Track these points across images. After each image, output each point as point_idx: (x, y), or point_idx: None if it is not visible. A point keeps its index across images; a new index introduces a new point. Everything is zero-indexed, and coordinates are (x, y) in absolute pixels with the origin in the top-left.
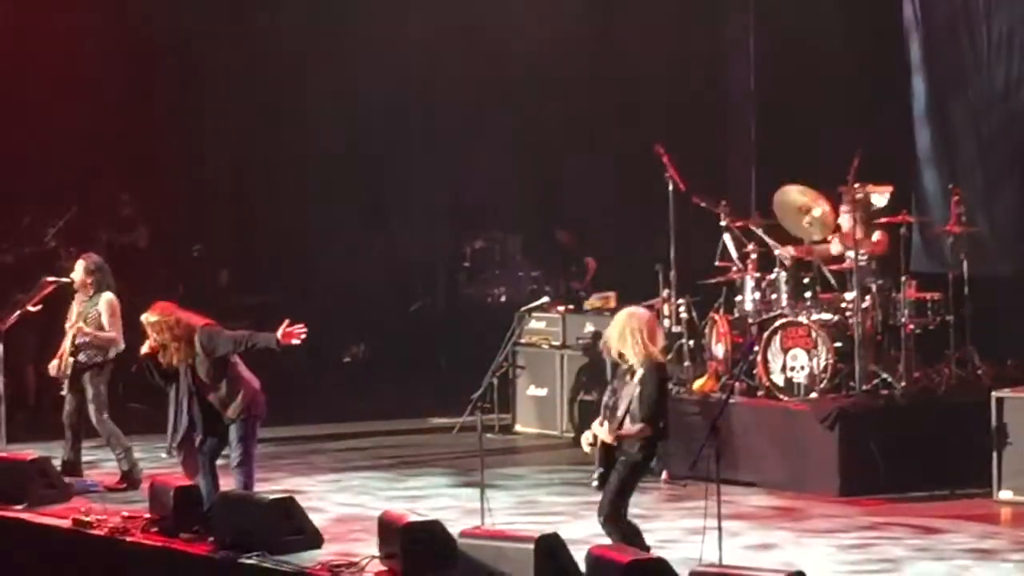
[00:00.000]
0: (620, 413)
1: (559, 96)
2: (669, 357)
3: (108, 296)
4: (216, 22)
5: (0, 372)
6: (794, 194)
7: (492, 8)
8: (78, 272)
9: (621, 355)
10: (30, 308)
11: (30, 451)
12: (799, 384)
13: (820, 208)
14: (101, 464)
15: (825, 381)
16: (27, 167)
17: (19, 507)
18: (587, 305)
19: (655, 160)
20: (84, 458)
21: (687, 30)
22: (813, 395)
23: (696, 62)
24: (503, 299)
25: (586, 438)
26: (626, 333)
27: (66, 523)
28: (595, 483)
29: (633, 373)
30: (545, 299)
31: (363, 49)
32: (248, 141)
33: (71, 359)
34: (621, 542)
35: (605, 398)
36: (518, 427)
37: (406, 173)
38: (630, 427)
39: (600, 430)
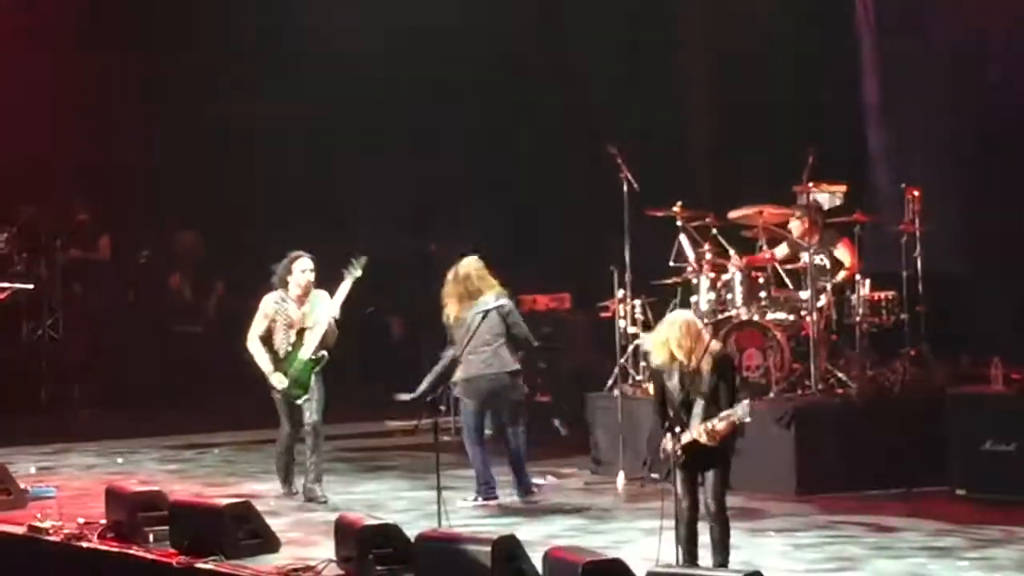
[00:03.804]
0: (701, 411)
1: (509, 93)
2: (624, 359)
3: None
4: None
5: None
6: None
7: None
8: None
9: (674, 359)
10: None
11: None
12: (755, 383)
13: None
14: (58, 470)
15: (781, 381)
16: None
17: None
18: (541, 306)
19: (610, 161)
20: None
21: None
22: (770, 395)
23: (649, 59)
24: None
25: (671, 446)
26: (691, 336)
27: (21, 529)
28: (655, 475)
29: (699, 373)
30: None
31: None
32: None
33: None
34: (725, 538)
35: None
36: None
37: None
38: (723, 423)
39: (694, 435)
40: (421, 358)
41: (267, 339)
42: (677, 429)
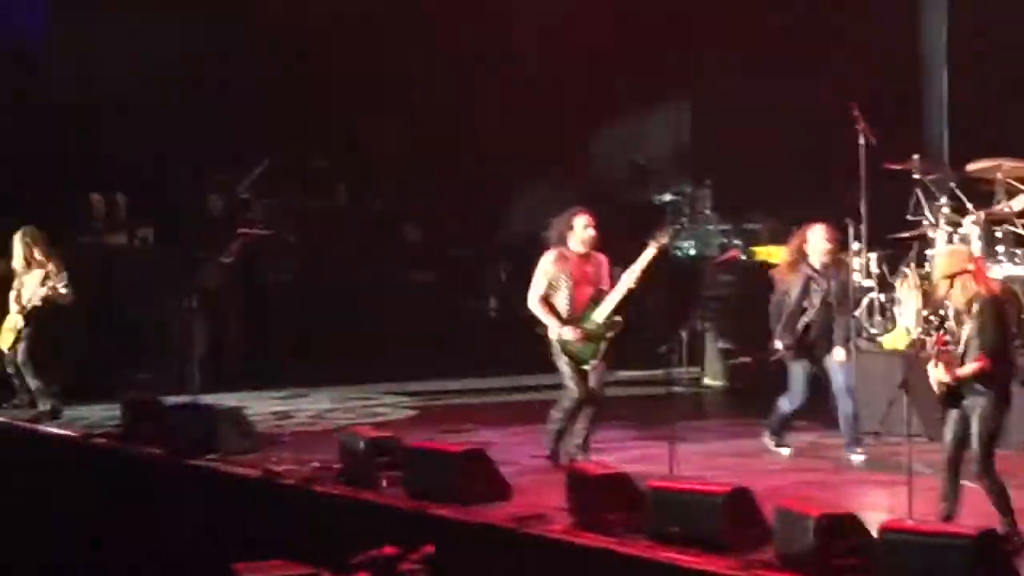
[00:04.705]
0: (959, 350)
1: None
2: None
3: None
4: None
5: (198, 324)
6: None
7: None
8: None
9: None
10: (224, 260)
11: (223, 400)
12: None
13: None
14: (293, 415)
15: (1017, 337)
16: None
17: (211, 456)
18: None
19: (847, 115)
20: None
21: None
22: None
23: (887, 17)
24: (692, 252)
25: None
26: (955, 270)
27: (257, 472)
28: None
29: (970, 311)
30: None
31: None
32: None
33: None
34: (997, 497)
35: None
36: (706, 380)
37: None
38: (969, 365)
39: (936, 371)
40: None
41: (548, 299)
42: (931, 362)
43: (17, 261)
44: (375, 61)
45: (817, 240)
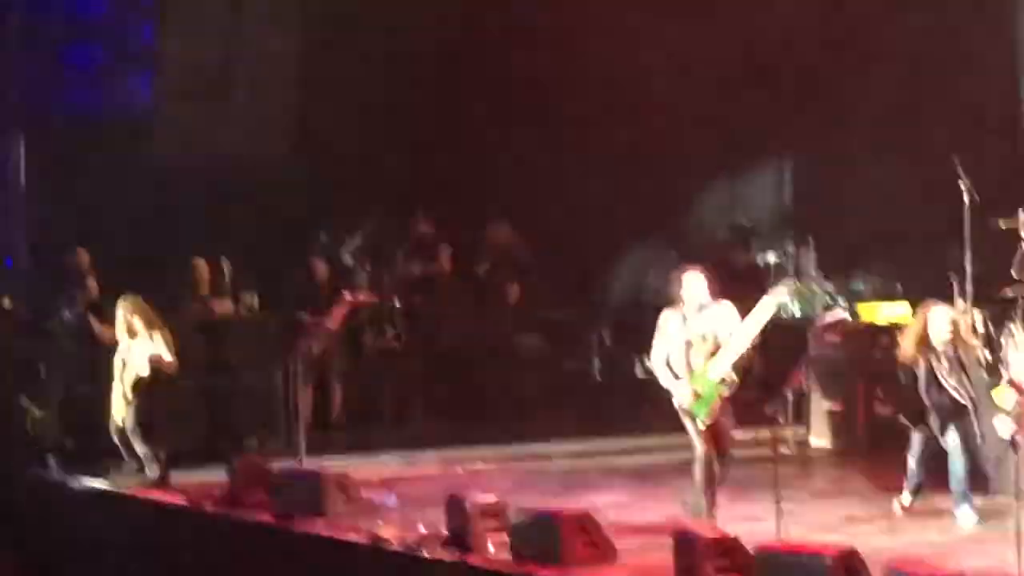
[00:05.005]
0: None
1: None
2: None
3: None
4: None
5: (304, 389)
6: None
7: None
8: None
9: None
10: (329, 326)
11: (329, 465)
12: None
13: None
14: (400, 479)
15: None
16: (326, 183)
17: (318, 521)
18: (880, 320)
19: (949, 168)
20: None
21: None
22: None
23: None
24: (797, 312)
25: None
26: None
27: (363, 538)
28: None
29: None
30: (842, 313)
31: None
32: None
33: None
34: None
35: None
36: (813, 441)
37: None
38: None
39: None
40: None
41: (666, 358)
42: None
43: (120, 331)
44: (475, 127)
45: (941, 324)
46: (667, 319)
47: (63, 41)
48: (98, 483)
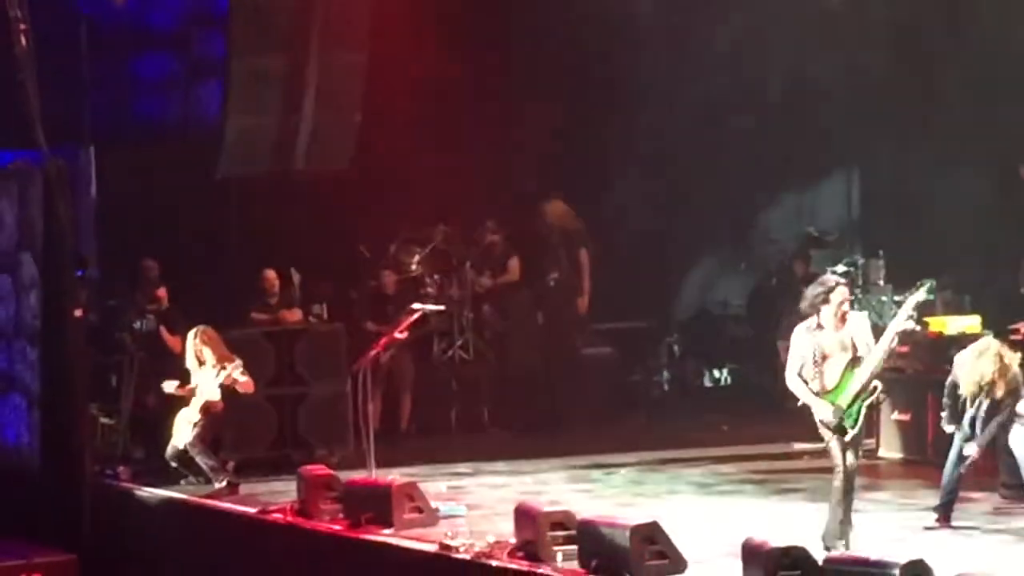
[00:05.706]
0: None
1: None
2: None
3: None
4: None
5: (372, 399)
6: None
7: None
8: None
9: None
10: (397, 336)
11: (398, 476)
12: None
13: None
14: (468, 489)
15: None
16: (393, 194)
17: (387, 531)
18: (950, 331)
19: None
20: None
21: None
22: None
23: None
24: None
25: None
26: None
27: (432, 547)
28: None
29: None
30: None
31: None
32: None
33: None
34: None
35: None
36: (882, 452)
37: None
38: None
39: None
40: None
41: (802, 374)
42: None
43: (190, 360)
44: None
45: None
46: (800, 334)
47: (134, 52)
48: (166, 492)
